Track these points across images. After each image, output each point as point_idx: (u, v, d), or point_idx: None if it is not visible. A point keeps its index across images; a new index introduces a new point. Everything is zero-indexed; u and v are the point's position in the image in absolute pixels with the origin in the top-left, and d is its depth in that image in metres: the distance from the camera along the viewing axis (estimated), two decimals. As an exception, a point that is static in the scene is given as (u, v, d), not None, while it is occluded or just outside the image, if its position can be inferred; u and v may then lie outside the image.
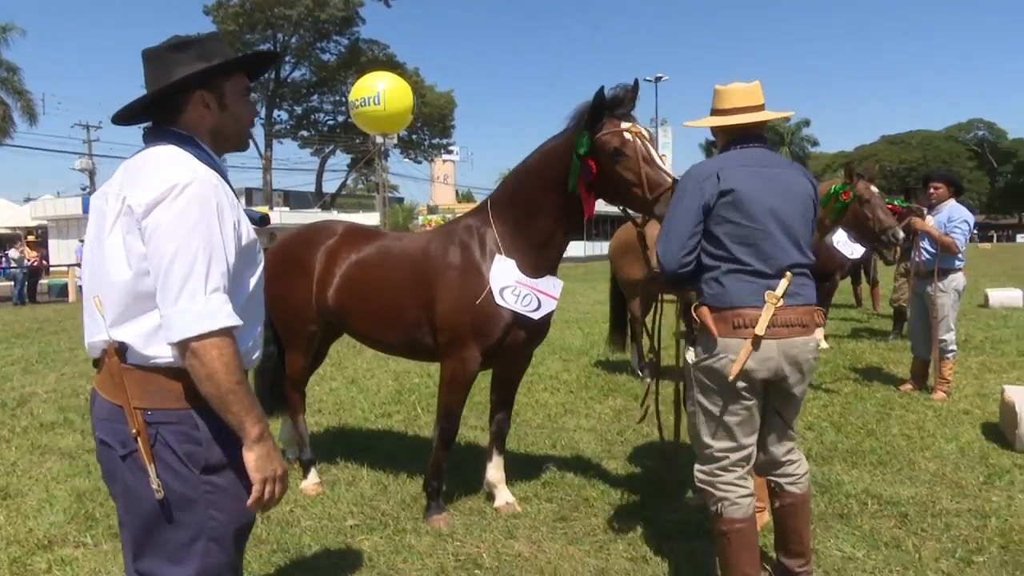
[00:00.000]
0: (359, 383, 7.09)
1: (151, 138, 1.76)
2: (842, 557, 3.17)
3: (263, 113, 48.26)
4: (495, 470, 3.81)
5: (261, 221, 1.97)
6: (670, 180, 3.04)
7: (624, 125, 3.14)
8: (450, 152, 58.30)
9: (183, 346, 1.57)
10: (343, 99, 45.83)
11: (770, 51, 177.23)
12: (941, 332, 5.99)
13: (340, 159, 52.90)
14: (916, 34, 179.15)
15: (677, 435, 3.42)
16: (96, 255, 1.71)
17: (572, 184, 3.24)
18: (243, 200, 44.10)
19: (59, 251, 32.25)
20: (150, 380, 1.65)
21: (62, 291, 20.06)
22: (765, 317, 2.50)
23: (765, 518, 3.16)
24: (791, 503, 2.79)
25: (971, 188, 62.41)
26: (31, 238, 21.14)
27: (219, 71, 1.76)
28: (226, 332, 1.58)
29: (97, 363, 1.78)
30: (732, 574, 2.65)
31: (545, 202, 3.34)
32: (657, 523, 3.53)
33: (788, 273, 2.56)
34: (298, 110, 50.56)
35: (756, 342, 2.51)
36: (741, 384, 2.56)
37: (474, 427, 5.26)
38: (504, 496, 3.78)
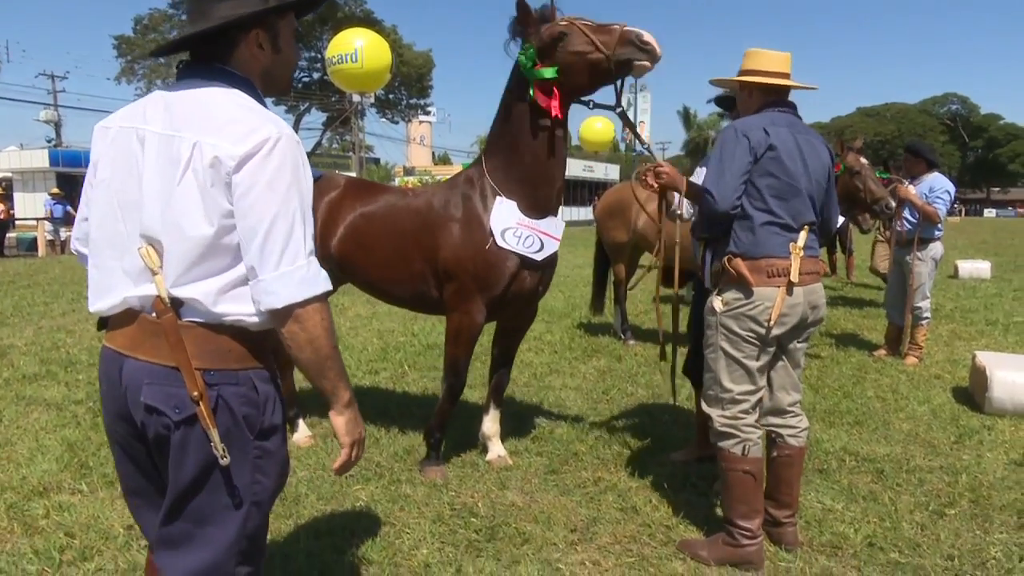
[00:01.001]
0: (344, 341, 7.10)
1: (202, 76, 1.58)
2: (822, 509, 3.31)
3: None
4: (491, 423, 3.89)
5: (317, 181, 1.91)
6: (622, 23, 3.10)
7: (559, 20, 3.19)
8: (427, 113, 57.45)
9: (284, 312, 1.49)
10: (319, 56, 44.79)
11: (746, 19, 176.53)
12: (916, 299, 6.17)
13: (315, 117, 51.88)
14: (893, 6, 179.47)
15: (675, 397, 3.57)
16: (146, 201, 1.51)
17: (531, 94, 3.24)
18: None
19: (24, 204, 31.46)
20: (212, 339, 1.53)
21: (31, 245, 19.61)
22: (796, 266, 2.71)
23: None
24: (788, 454, 2.93)
25: (942, 162, 63.18)
26: (-2, 190, 20.60)
27: (287, 8, 1.63)
28: (324, 297, 1.53)
29: (107, 322, 1.63)
30: (749, 509, 2.82)
31: (522, 130, 3.34)
32: (644, 476, 3.65)
33: (806, 227, 2.79)
34: (273, 65, 49.31)
35: (789, 288, 2.72)
36: (776, 330, 2.75)
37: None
38: (497, 449, 3.86)
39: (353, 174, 34.31)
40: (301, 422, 4.21)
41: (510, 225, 3.36)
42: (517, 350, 4.07)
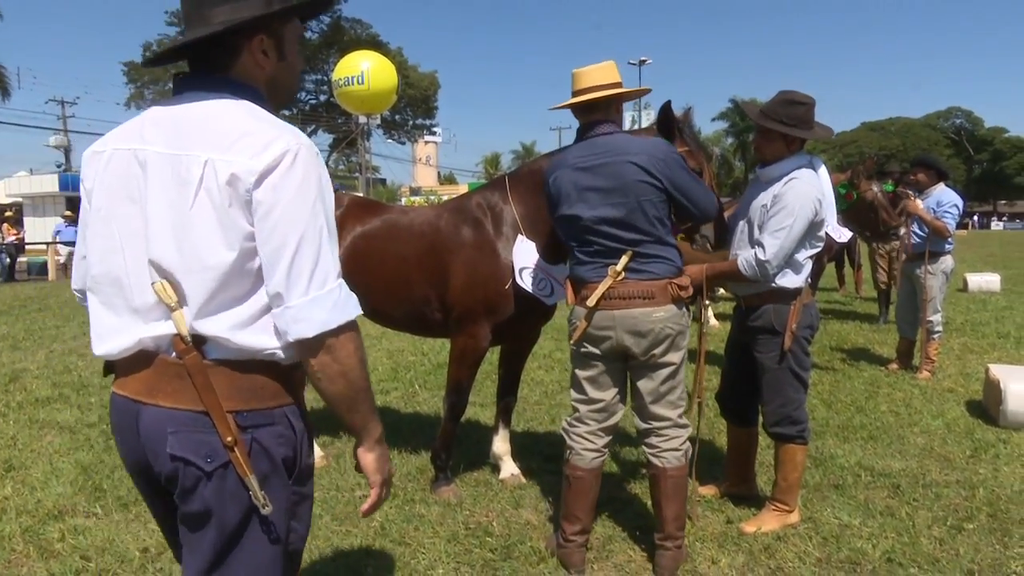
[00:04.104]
0: (354, 361, 7.11)
1: (204, 87, 1.43)
2: (839, 525, 3.29)
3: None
4: (501, 443, 3.88)
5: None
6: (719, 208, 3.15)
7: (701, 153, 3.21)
8: (433, 133, 57.91)
9: (316, 342, 1.34)
10: (325, 78, 45.30)
11: (750, 36, 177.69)
12: (929, 313, 6.15)
13: (322, 139, 52.30)
14: (896, 22, 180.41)
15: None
16: (154, 229, 1.36)
17: None
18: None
19: (35, 229, 31.71)
20: (242, 377, 1.38)
21: (41, 269, 19.74)
22: (600, 289, 2.76)
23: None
24: (653, 474, 2.93)
25: (949, 176, 63.26)
26: (9, 214, 20.74)
27: (292, 13, 1.50)
28: (356, 323, 1.40)
29: (115, 366, 1.47)
30: (566, 513, 2.95)
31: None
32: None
33: (630, 251, 2.75)
34: (280, 89, 49.86)
35: (589, 313, 2.79)
36: (585, 348, 2.86)
37: (473, 403, 5.31)
38: (509, 468, 3.85)
39: (360, 194, 34.45)
40: (314, 443, 4.20)
41: (528, 265, 3.38)
42: (523, 370, 4.09)
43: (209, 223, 1.33)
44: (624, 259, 2.74)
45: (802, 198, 3.01)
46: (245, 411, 1.38)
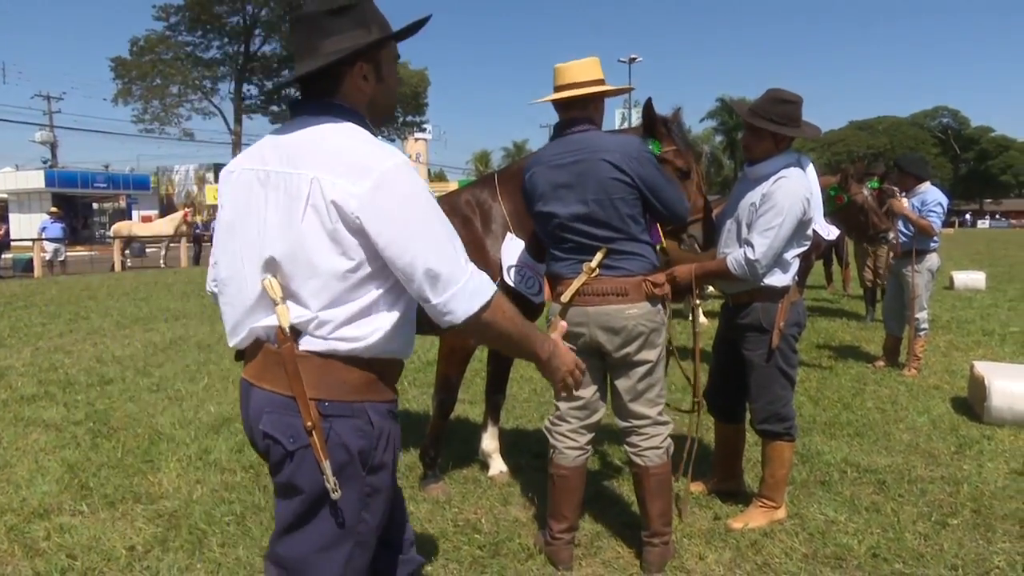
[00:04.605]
0: (343, 358, 7.10)
1: (313, 111, 1.60)
2: (825, 520, 3.31)
3: (232, 87, 47.32)
4: (490, 440, 3.89)
5: None
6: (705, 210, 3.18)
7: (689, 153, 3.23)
8: (423, 130, 57.86)
9: (466, 326, 1.53)
10: (315, 74, 45.02)
11: (741, 36, 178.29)
12: (915, 311, 6.20)
13: (311, 135, 52.05)
14: (883, 21, 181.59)
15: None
16: (269, 235, 1.52)
17: None
18: (212, 176, 43.43)
19: (20, 225, 31.46)
20: (328, 369, 1.53)
21: (27, 266, 19.56)
22: (574, 285, 2.76)
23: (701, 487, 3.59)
24: (635, 472, 2.94)
25: (935, 174, 63.58)
26: (-6, 211, 20.61)
27: (388, 41, 1.66)
28: (492, 297, 1.55)
29: (242, 353, 1.67)
30: (552, 512, 2.96)
31: None
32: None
33: (604, 248, 2.75)
34: (269, 85, 49.59)
35: (564, 309, 2.80)
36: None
37: (462, 400, 5.32)
38: (498, 465, 3.86)
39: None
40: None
41: (516, 263, 3.38)
42: (510, 370, 4.09)
43: (315, 234, 1.48)
44: (598, 256, 2.74)
45: (791, 197, 3.03)
46: (327, 401, 1.52)
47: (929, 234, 6.09)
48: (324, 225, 1.47)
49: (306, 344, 1.52)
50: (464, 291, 1.50)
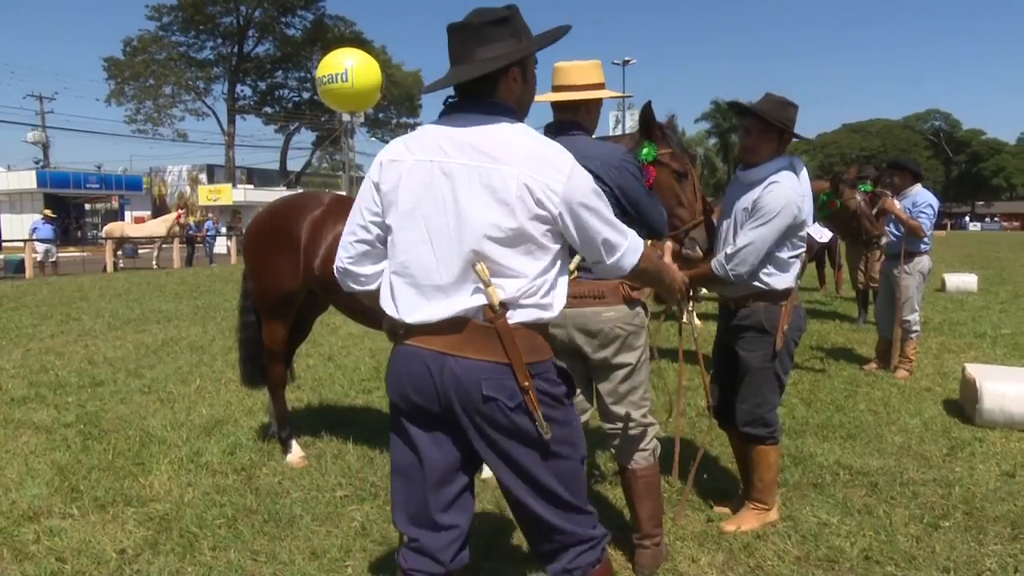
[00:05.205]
0: (336, 360, 7.09)
1: (482, 110, 1.84)
2: (817, 523, 3.32)
3: (225, 88, 47.21)
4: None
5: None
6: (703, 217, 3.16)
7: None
8: (417, 132, 57.76)
9: (631, 273, 1.97)
10: (308, 75, 45.06)
11: (734, 39, 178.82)
12: (905, 313, 6.22)
13: (305, 136, 52.20)
14: (877, 24, 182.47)
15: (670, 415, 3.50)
16: (470, 224, 1.77)
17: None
18: (205, 177, 43.27)
19: (11, 226, 31.28)
20: (530, 337, 1.84)
21: (18, 267, 19.44)
22: None
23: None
24: (623, 475, 2.94)
25: (927, 177, 63.78)
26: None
27: (539, 48, 1.91)
28: (644, 250, 1.96)
29: (413, 329, 1.86)
30: None
31: None
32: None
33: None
34: (262, 86, 49.55)
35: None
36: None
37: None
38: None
39: (343, 193, 34.24)
40: (294, 442, 4.18)
41: None
42: None
43: (522, 224, 1.77)
44: (576, 258, 2.70)
45: (782, 200, 3.01)
46: (532, 363, 1.82)
47: (919, 235, 6.11)
48: (529, 215, 1.76)
49: (515, 317, 1.81)
50: (628, 250, 1.91)
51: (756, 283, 3.13)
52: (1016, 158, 78.15)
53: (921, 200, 6.18)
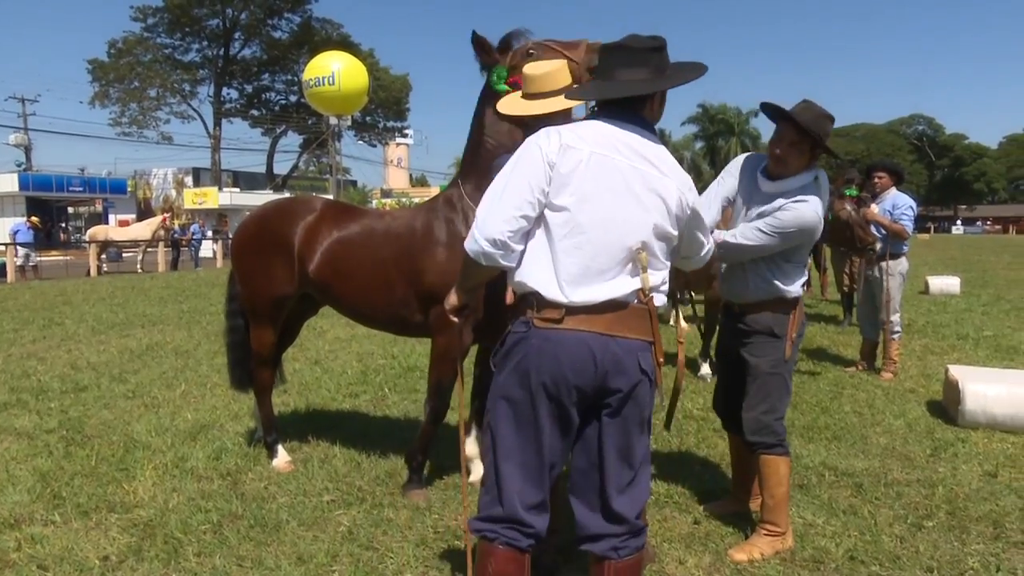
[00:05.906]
0: (323, 364, 7.05)
1: (636, 123, 2.11)
2: (803, 524, 3.33)
3: (211, 91, 46.93)
4: (473, 445, 3.86)
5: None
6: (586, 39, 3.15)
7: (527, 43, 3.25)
8: (404, 135, 57.71)
9: (707, 259, 2.41)
10: (295, 78, 44.82)
11: (720, 43, 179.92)
12: (889, 314, 6.28)
13: (292, 140, 51.90)
14: (860, 29, 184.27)
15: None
16: (635, 217, 2.03)
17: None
18: (191, 180, 42.95)
19: (-7, 229, 30.92)
20: (655, 319, 2.11)
21: None
22: None
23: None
24: None
25: (910, 181, 64.70)
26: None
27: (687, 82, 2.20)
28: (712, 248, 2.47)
29: (570, 310, 2.02)
30: None
31: (493, 145, 3.37)
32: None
33: None
34: (248, 89, 49.27)
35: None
36: None
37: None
38: (480, 470, 3.83)
39: (330, 196, 34.10)
40: (280, 447, 4.16)
41: None
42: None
43: (674, 227, 2.12)
44: None
45: (803, 221, 2.94)
46: (654, 342, 2.11)
47: (903, 238, 6.19)
48: (679, 221, 2.12)
49: (656, 301, 2.09)
50: (708, 247, 2.38)
51: (769, 289, 3.07)
52: (998, 162, 79.19)
53: (901, 203, 6.26)
